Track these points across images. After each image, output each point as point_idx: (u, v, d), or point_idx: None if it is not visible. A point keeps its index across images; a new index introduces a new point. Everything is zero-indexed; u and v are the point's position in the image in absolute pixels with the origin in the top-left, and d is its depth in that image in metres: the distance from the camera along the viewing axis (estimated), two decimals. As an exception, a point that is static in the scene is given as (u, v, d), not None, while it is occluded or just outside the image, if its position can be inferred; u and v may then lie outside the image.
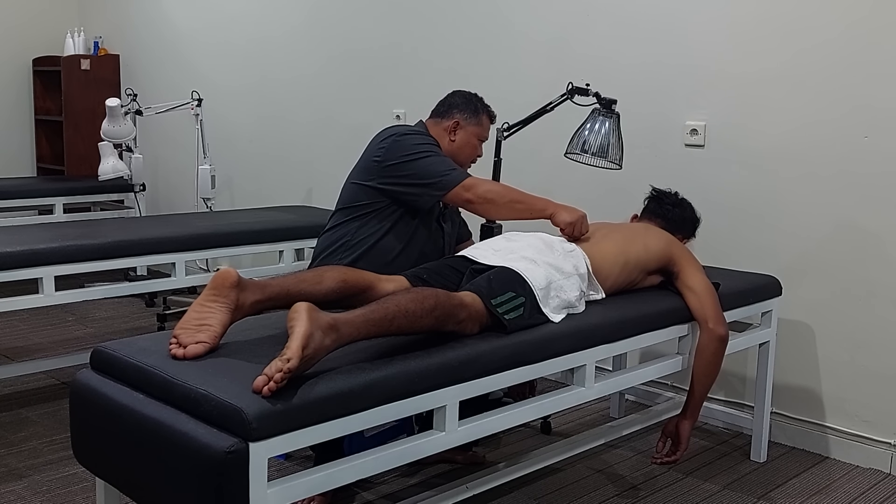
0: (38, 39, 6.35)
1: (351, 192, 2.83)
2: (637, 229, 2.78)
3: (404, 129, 2.84)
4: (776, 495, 2.87)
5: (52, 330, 4.60)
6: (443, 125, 2.91)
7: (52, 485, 2.83)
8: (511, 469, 2.62)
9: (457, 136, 2.89)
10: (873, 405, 3.10)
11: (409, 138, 2.77)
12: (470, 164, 2.96)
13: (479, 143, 2.95)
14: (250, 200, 5.27)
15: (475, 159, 2.98)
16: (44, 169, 6.38)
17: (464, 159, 2.92)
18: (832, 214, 3.12)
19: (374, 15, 4.53)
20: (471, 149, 2.93)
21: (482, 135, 2.95)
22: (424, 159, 2.73)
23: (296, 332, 1.74)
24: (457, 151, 2.89)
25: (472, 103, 2.94)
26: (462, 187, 2.68)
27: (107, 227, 3.62)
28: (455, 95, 2.97)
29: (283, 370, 1.68)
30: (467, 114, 2.91)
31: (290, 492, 1.75)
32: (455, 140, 2.89)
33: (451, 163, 2.75)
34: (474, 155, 2.96)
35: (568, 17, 3.77)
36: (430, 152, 2.75)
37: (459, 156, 2.90)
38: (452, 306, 2.07)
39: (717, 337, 2.58)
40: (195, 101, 4.84)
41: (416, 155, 2.73)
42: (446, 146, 2.88)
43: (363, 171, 2.81)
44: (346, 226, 2.80)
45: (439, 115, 2.94)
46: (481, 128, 2.94)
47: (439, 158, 2.75)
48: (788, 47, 3.16)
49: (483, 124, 2.95)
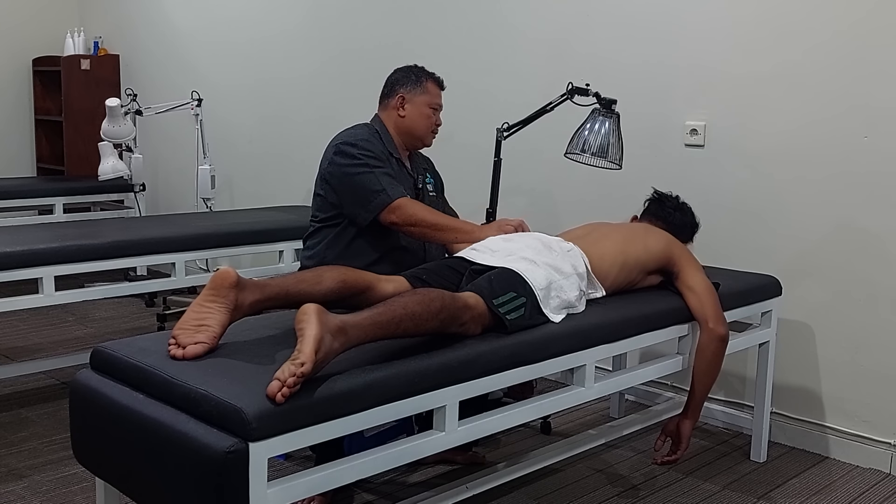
0: (38, 39, 6.36)
1: (315, 203, 2.84)
2: (637, 230, 2.78)
3: (347, 137, 2.78)
4: (776, 495, 2.87)
5: (52, 330, 4.60)
6: (390, 105, 2.87)
7: (52, 485, 2.83)
8: (511, 469, 2.62)
9: (406, 109, 2.85)
10: (873, 405, 3.10)
11: (347, 152, 2.73)
12: (431, 134, 2.90)
13: (431, 111, 2.87)
14: (250, 200, 5.27)
15: (434, 129, 2.91)
16: (44, 169, 6.38)
17: (422, 131, 2.86)
18: (832, 214, 3.12)
19: (374, 15, 4.53)
20: (424, 119, 2.86)
21: (432, 101, 2.87)
22: (357, 177, 2.69)
23: (307, 336, 1.73)
24: (412, 125, 2.85)
25: (412, 73, 2.89)
26: (388, 210, 2.66)
27: (107, 227, 3.62)
28: (395, 72, 2.93)
29: (296, 374, 1.68)
30: (409, 85, 2.86)
31: (290, 492, 1.75)
32: (405, 115, 2.85)
33: (383, 182, 2.68)
34: (430, 124, 2.88)
35: (568, 17, 3.77)
36: (363, 170, 2.70)
37: (416, 128, 2.85)
38: (457, 308, 2.07)
39: (718, 337, 2.58)
40: (195, 101, 4.85)
41: (350, 174, 2.71)
42: (398, 123, 2.85)
43: (318, 182, 2.82)
44: (316, 235, 2.82)
45: (384, 97, 2.91)
46: (428, 95, 2.87)
47: (371, 177, 2.69)
48: (788, 47, 3.16)
49: (430, 91, 2.88)
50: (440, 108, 2.91)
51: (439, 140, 3.00)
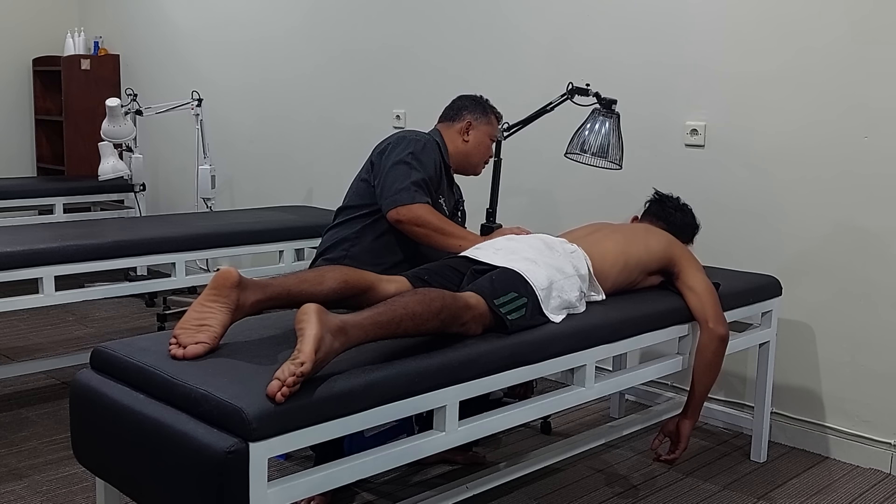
0: (38, 39, 6.36)
1: (357, 190, 2.86)
2: (638, 230, 2.78)
3: (415, 136, 2.84)
4: (776, 495, 2.87)
5: (52, 330, 4.60)
6: (455, 127, 2.95)
7: (52, 485, 2.83)
8: (511, 469, 2.62)
9: (470, 136, 2.94)
10: (873, 405, 3.10)
11: (405, 144, 2.77)
12: (484, 164, 3.01)
13: (490, 142, 3.00)
14: (250, 200, 5.27)
15: (488, 160, 3.03)
16: (44, 169, 6.38)
17: (479, 159, 2.98)
18: (832, 214, 3.12)
19: (374, 15, 4.53)
20: (485, 148, 2.98)
21: (493, 134, 3.00)
22: (391, 171, 2.73)
23: (307, 335, 1.73)
24: (472, 151, 2.95)
25: (480, 104, 3.00)
26: (399, 209, 2.69)
27: (107, 227, 3.62)
28: (463, 98, 3.03)
29: (296, 374, 1.68)
30: (477, 114, 2.97)
31: (290, 492, 1.75)
32: (469, 140, 2.94)
33: (412, 185, 2.71)
34: (487, 155, 3.01)
35: (568, 17, 3.77)
36: (402, 165, 2.73)
37: (474, 156, 2.96)
38: (458, 308, 2.07)
39: (718, 337, 2.58)
40: (195, 101, 4.84)
41: (388, 165, 2.75)
42: (460, 146, 2.93)
43: (367, 166, 2.85)
44: (350, 225, 2.82)
45: (450, 118, 2.98)
46: (492, 127, 2.99)
47: (405, 174, 2.72)
48: (788, 47, 3.16)
49: (493, 123, 3.01)
50: (496, 141, 3.03)
51: (439, 140, 3.01)
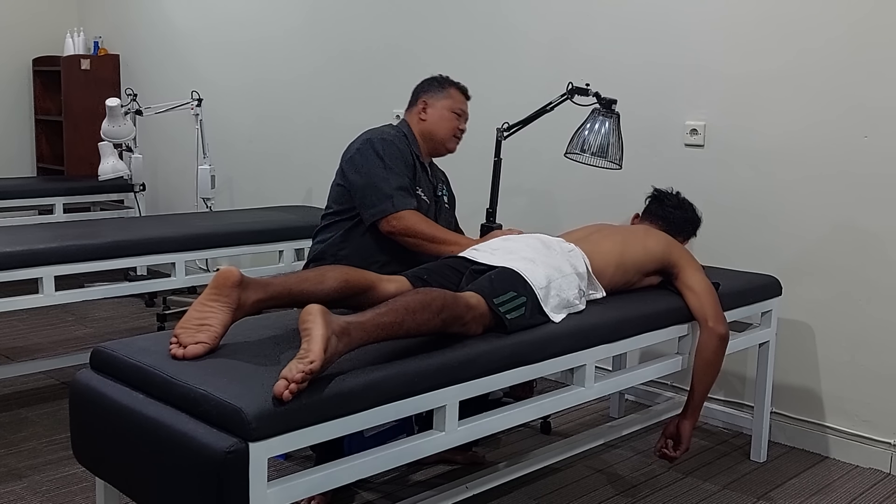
0: (38, 39, 6.36)
1: (335, 196, 2.86)
2: (637, 231, 2.79)
3: (377, 134, 2.81)
4: (776, 495, 2.87)
5: (51, 330, 4.60)
6: (414, 112, 2.93)
7: (51, 485, 2.83)
8: (511, 469, 2.62)
9: (427, 113, 2.89)
10: (873, 405, 3.10)
11: (374, 149, 2.76)
12: (455, 139, 2.92)
13: (454, 115, 2.90)
14: (250, 200, 5.27)
15: (458, 134, 2.92)
16: (44, 169, 6.38)
17: (443, 134, 2.89)
18: (832, 214, 3.12)
19: (374, 15, 4.53)
20: (446, 121, 2.89)
21: (454, 106, 2.91)
22: (373, 177, 2.73)
23: (314, 335, 1.73)
24: (433, 128, 2.88)
25: (436, 81, 2.95)
26: (389, 220, 2.70)
27: (107, 227, 3.62)
28: (421, 83, 2.99)
29: (305, 371, 1.68)
30: (432, 91, 2.92)
31: (290, 492, 1.75)
32: (426, 118, 2.89)
33: (394, 191, 2.70)
34: (453, 128, 2.90)
35: (568, 17, 3.77)
36: (381, 172, 2.72)
37: (437, 132, 2.88)
38: (459, 308, 2.07)
39: (717, 336, 2.58)
40: (195, 101, 4.84)
41: (368, 171, 2.74)
42: (421, 127, 2.89)
43: (339, 172, 2.84)
44: (334, 229, 2.83)
45: (409, 105, 2.97)
46: (451, 100, 2.91)
47: (385, 183, 2.71)
48: (788, 47, 3.16)
49: (452, 96, 2.92)
50: (464, 115, 2.94)
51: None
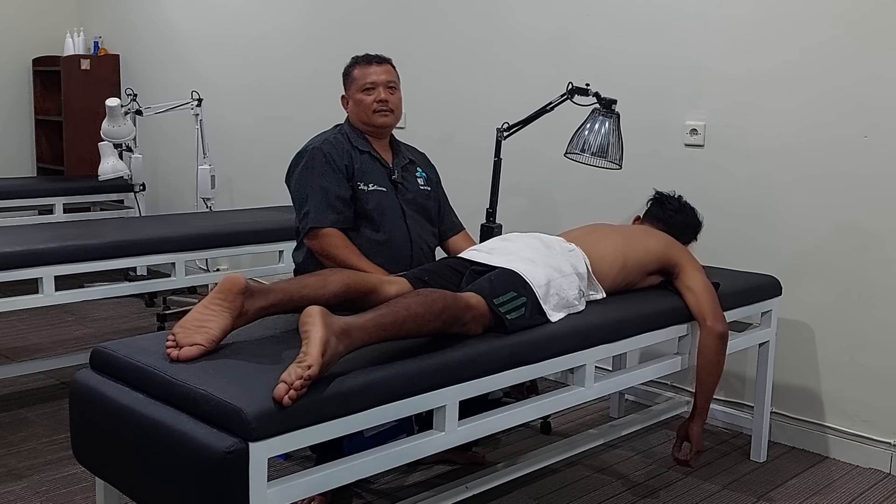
0: (38, 39, 6.36)
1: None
2: (638, 231, 2.79)
3: (305, 146, 2.84)
4: (776, 495, 2.87)
5: (51, 330, 4.60)
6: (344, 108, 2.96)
7: (51, 485, 2.83)
8: (511, 469, 2.62)
9: (348, 106, 2.92)
10: (873, 405, 3.10)
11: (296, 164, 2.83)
12: (376, 113, 2.84)
13: (364, 93, 2.85)
14: (250, 200, 5.27)
15: (376, 107, 2.84)
16: (44, 169, 6.39)
17: (363, 109, 2.84)
18: (832, 214, 3.12)
19: (374, 16, 4.53)
20: (361, 105, 2.84)
21: (360, 85, 2.85)
22: (296, 195, 2.80)
23: (313, 338, 1.73)
24: (356, 117, 2.88)
25: (343, 72, 2.94)
26: (311, 235, 2.74)
27: (106, 227, 3.62)
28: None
29: (303, 377, 1.68)
30: (344, 83, 2.93)
31: (290, 492, 1.75)
32: (349, 110, 2.92)
33: (313, 205, 2.73)
34: (368, 100, 2.84)
35: (568, 17, 3.77)
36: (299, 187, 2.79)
37: (359, 112, 2.86)
38: (459, 308, 2.07)
39: (717, 334, 2.58)
40: (195, 101, 4.85)
41: (293, 188, 2.82)
42: (350, 118, 2.91)
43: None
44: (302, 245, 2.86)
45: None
46: (355, 81, 2.87)
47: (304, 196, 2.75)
48: (788, 47, 3.16)
49: (355, 77, 2.88)
50: (377, 84, 2.85)
51: (439, 140, 3.00)
